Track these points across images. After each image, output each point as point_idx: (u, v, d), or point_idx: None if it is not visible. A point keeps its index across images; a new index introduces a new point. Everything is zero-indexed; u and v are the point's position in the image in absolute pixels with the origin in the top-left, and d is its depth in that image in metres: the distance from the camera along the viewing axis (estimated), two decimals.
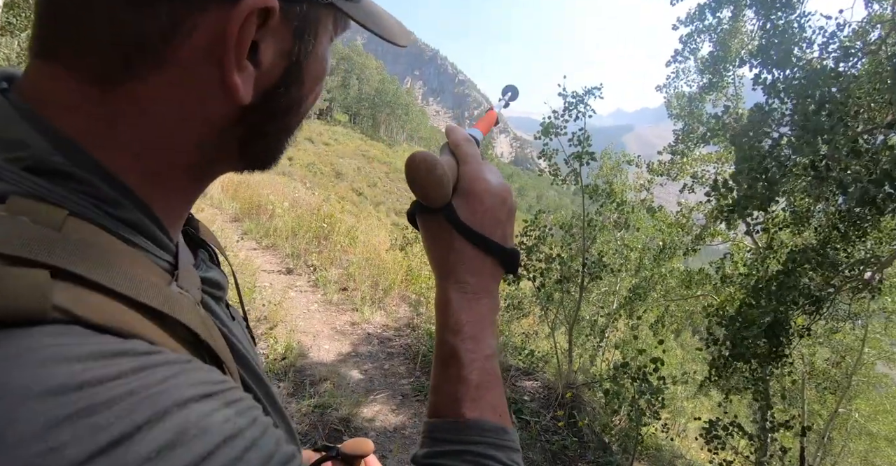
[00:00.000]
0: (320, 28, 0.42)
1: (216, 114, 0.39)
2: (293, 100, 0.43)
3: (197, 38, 0.35)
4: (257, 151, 0.45)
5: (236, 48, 0.35)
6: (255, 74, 0.38)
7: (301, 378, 4.08)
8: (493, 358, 0.54)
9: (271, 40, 0.38)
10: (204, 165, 0.42)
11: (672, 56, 8.09)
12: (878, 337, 11.10)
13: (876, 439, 12.91)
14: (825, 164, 4.05)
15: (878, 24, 6.86)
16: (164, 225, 0.39)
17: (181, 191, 0.42)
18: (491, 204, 0.53)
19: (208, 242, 0.55)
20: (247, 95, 0.38)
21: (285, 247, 7.10)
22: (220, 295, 0.49)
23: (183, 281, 0.38)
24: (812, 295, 4.88)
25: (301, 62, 0.41)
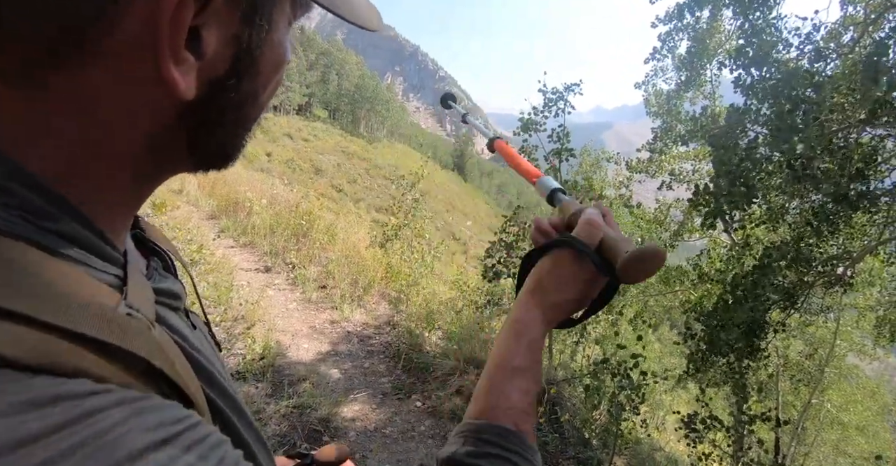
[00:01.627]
0: (275, 11, 0.38)
1: (158, 111, 0.34)
2: (247, 92, 0.39)
3: (126, 27, 0.30)
4: (210, 149, 0.40)
5: (170, 37, 0.31)
6: (197, 65, 0.34)
7: (279, 378, 4.02)
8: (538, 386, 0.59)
9: (215, 26, 0.34)
10: (149, 166, 0.38)
11: (651, 54, 8.16)
12: (850, 329, 11.42)
13: (847, 428, 13.34)
14: (800, 162, 4.13)
15: (851, 25, 7.02)
16: (108, 235, 0.35)
17: (126, 196, 0.38)
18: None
19: (161, 247, 0.51)
20: (189, 89, 0.34)
21: (263, 245, 7.00)
22: (177, 305, 0.45)
23: (133, 297, 0.34)
24: (786, 290, 4.98)
25: (253, 49, 0.37)
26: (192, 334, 0.44)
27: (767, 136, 4.59)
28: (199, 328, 0.52)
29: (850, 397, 13.09)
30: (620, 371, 4.24)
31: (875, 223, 5.98)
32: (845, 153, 3.77)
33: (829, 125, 5.02)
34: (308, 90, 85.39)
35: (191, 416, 0.29)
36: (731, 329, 4.78)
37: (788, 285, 5.09)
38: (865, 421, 13.77)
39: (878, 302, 9.42)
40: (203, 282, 5.13)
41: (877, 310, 9.31)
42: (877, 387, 15.46)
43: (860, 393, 13.70)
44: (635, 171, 9.02)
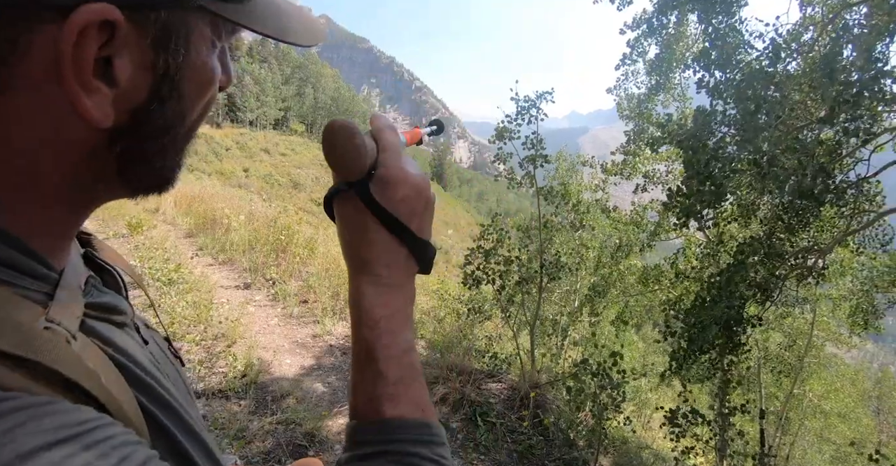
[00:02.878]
0: (192, 34, 0.38)
1: (78, 139, 0.35)
2: (173, 116, 0.40)
3: (35, 59, 0.31)
4: (142, 175, 0.41)
5: (75, 68, 0.32)
6: (112, 93, 0.35)
7: (263, 394, 3.99)
8: (412, 351, 0.52)
9: (126, 54, 0.35)
10: (80, 193, 0.39)
11: (621, 59, 8.34)
12: (826, 319, 11.60)
13: (829, 416, 13.56)
14: (766, 160, 4.26)
15: (810, 25, 7.25)
16: (39, 254, 0.37)
17: (58, 221, 0.39)
18: (407, 193, 0.52)
19: (113, 265, 0.52)
20: (105, 117, 0.35)
21: (242, 262, 6.95)
22: (119, 320, 0.46)
23: (56, 312, 0.35)
24: (760, 285, 5.09)
25: (172, 75, 0.37)
26: (139, 350, 0.46)
27: (735, 136, 4.73)
28: (158, 343, 0.53)
29: (830, 385, 13.33)
30: (600, 371, 4.30)
31: (843, 215, 6.14)
32: (808, 150, 3.89)
33: (793, 122, 5.18)
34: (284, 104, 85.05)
35: (100, 419, 0.31)
36: (710, 326, 4.87)
37: (762, 280, 5.21)
38: (847, 408, 14.03)
39: (850, 291, 9.62)
40: (182, 301, 5.07)
41: (850, 299, 9.52)
42: (855, 375, 15.78)
43: (840, 381, 13.97)
44: (611, 174, 9.17)
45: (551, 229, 5.53)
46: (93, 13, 0.31)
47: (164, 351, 0.54)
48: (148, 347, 0.49)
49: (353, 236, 0.52)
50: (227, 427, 3.43)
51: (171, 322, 4.61)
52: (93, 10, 0.31)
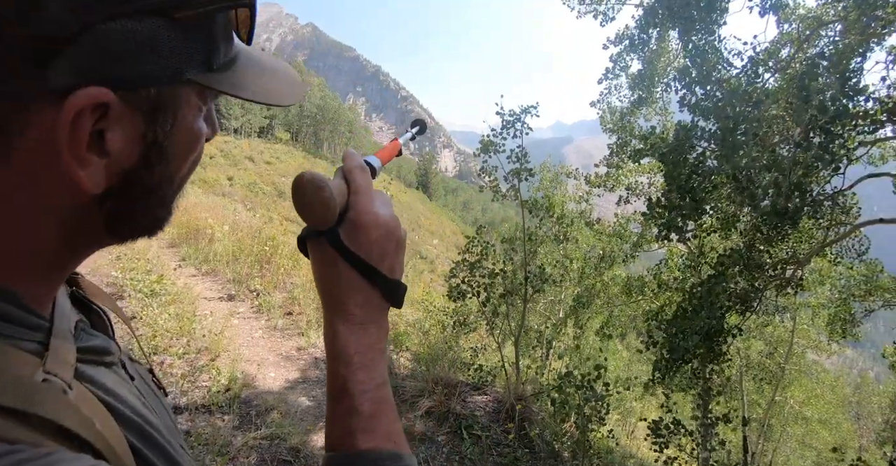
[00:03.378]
0: (180, 105, 0.41)
1: (70, 203, 0.38)
2: (161, 177, 0.42)
3: (31, 135, 0.34)
4: (129, 228, 0.44)
5: (70, 144, 0.34)
6: (104, 163, 0.37)
7: (247, 409, 3.96)
8: (385, 385, 0.54)
9: (118, 127, 0.37)
10: (68, 248, 0.41)
11: (604, 74, 8.49)
12: (806, 327, 11.78)
13: (811, 422, 13.72)
14: (744, 175, 4.36)
15: (787, 41, 7.45)
16: (28, 305, 0.39)
17: (47, 272, 0.42)
18: (377, 235, 0.54)
19: (97, 303, 0.54)
20: (96, 185, 0.37)
21: (226, 273, 6.89)
22: (108, 360, 0.48)
23: (52, 363, 0.38)
24: (739, 296, 5.18)
25: (161, 142, 0.40)
26: (126, 387, 0.48)
27: (714, 151, 4.84)
28: (142, 376, 0.55)
29: (811, 392, 13.51)
30: (584, 383, 4.33)
31: (821, 226, 6.28)
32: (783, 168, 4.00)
33: (770, 138, 5.31)
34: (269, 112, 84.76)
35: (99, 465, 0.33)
36: (691, 336, 4.95)
37: (741, 291, 5.31)
38: (827, 414, 14.22)
39: (829, 300, 9.81)
40: (165, 314, 5.01)
41: (829, 308, 9.70)
42: (835, 381, 16.00)
43: (820, 388, 14.16)
44: (594, 186, 9.29)
45: (536, 241, 5.58)
46: (88, 97, 0.34)
47: (149, 384, 0.56)
48: (134, 382, 0.51)
49: (326, 277, 0.54)
50: (210, 443, 3.39)
51: (154, 334, 4.55)
52: (88, 94, 0.34)
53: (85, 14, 0.32)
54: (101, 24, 0.33)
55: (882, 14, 5.00)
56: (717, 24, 5.31)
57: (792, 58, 6.91)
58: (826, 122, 3.64)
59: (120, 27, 0.34)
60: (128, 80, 0.36)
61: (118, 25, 0.34)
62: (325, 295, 0.55)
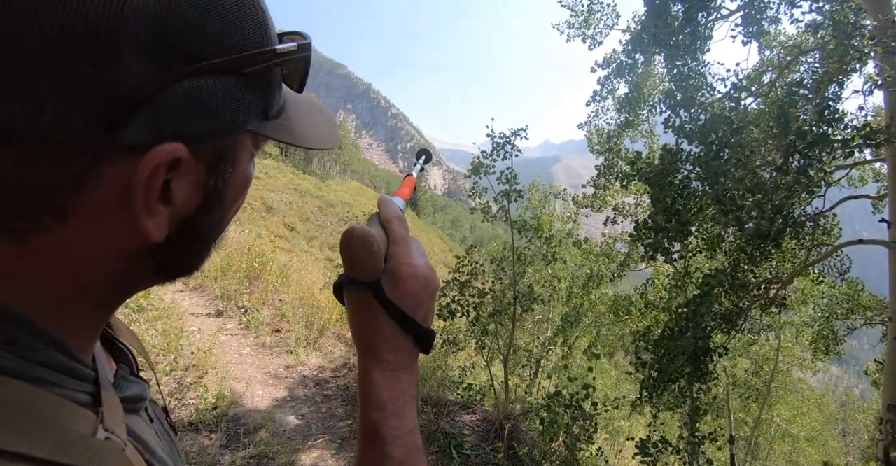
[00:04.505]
0: (238, 153, 0.43)
1: (129, 252, 0.39)
2: (213, 222, 0.44)
3: (104, 191, 0.35)
4: (177, 269, 0.45)
5: (143, 198, 0.36)
6: (168, 211, 0.38)
7: (235, 427, 3.93)
8: (415, 431, 0.56)
9: (184, 178, 0.38)
10: (118, 294, 0.43)
11: (591, 96, 8.68)
12: (791, 345, 11.85)
13: (797, 440, 13.67)
14: (728, 197, 4.47)
15: (769, 67, 7.68)
16: (79, 355, 0.40)
17: (95, 318, 0.43)
18: (415, 286, 0.55)
19: (126, 343, 0.56)
20: (160, 233, 0.38)
21: (214, 289, 6.85)
22: (139, 407, 0.50)
23: (108, 420, 0.39)
24: (724, 316, 5.26)
25: (219, 189, 0.42)
26: (150, 432, 0.49)
27: (699, 174, 4.97)
28: (157, 417, 0.57)
29: (797, 410, 13.50)
30: (573, 402, 4.35)
31: (803, 246, 6.41)
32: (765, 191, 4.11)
33: (752, 161, 5.46)
34: None
35: None
36: (678, 356, 5.00)
37: (726, 311, 5.39)
38: (814, 432, 14.20)
39: (812, 318, 9.93)
40: (152, 330, 4.98)
41: (812, 326, 9.82)
42: (821, 398, 16.06)
43: (806, 406, 14.19)
44: (582, 206, 9.41)
45: (524, 261, 5.64)
46: (165, 153, 0.35)
47: (163, 424, 0.58)
48: (152, 425, 0.53)
49: (363, 324, 0.56)
50: (197, 462, 3.36)
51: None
52: (165, 150, 0.35)
53: (163, 73, 0.34)
54: (177, 83, 0.34)
55: (858, 44, 5.19)
56: (701, 51, 5.48)
57: (773, 83, 7.13)
58: (804, 148, 3.77)
59: (194, 85, 0.35)
60: (198, 135, 0.37)
61: (193, 83, 0.35)
62: (361, 341, 0.57)
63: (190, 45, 0.35)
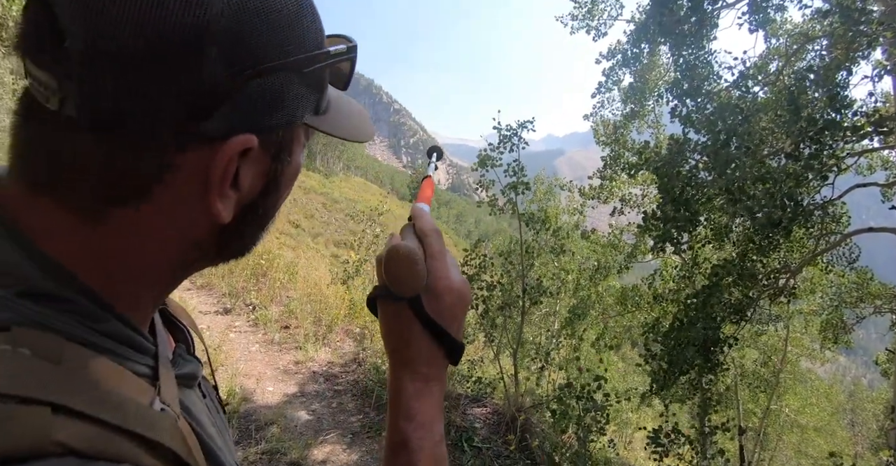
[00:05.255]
0: (294, 144, 0.47)
1: (197, 234, 0.43)
2: (270, 205, 0.48)
3: (182, 176, 0.39)
4: (234, 251, 0.49)
5: (219, 183, 0.40)
6: (236, 197, 0.43)
7: (246, 423, 3.94)
8: (442, 443, 0.57)
9: (252, 166, 0.43)
10: (181, 271, 0.46)
11: (597, 88, 8.63)
12: (799, 335, 11.82)
13: (806, 430, 13.70)
14: (737, 186, 4.44)
15: (775, 56, 7.61)
16: (141, 329, 0.43)
17: (158, 296, 0.47)
18: (451, 301, 0.56)
19: (180, 321, 0.59)
20: (228, 216, 0.42)
21: (221, 286, 6.86)
22: (193, 383, 0.52)
23: (165, 393, 0.42)
24: (734, 306, 5.23)
25: (279, 177, 0.46)
26: (202, 408, 0.52)
27: (707, 163, 4.93)
28: (209, 393, 0.59)
29: (805, 400, 13.51)
30: (584, 394, 4.34)
31: (811, 235, 6.37)
32: (775, 180, 4.07)
33: (761, 150, 5.41)
34: None
35: None
36: (688, 347, 4.98)
37: (736, 301, 5.36)
38: (822, 422, 14.21)
39: (821, 307, 9.89)
40: None
41: (820, 315, 9.78)
42: (829, 388, 16.04)
43: (815, 396, 14.18)
44: (588, 198, 9.37)
45: (532, 254, 5.62)
46: (240, 143, 0.40)
47: (213, 401, 0.60)
48: (205, 401, 0.55)
49: (398, 336, 0.57)
50: None
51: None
52: (241, 141, 0.40)
53: (241, 73, 0.38)
54: (249, 82, 0.39)
55: (866, 29, 5.13)
56: (708, 39, 5.42)
57: (780, 72, 7.06)
58: (815, 133, 3.72)
59: (264, 83, 0.40)
60: (266, 127, 0.42)
61: (262, 82, 0.40)
62: (394, 352, 0.58)
63: (260, 50, 0.39)
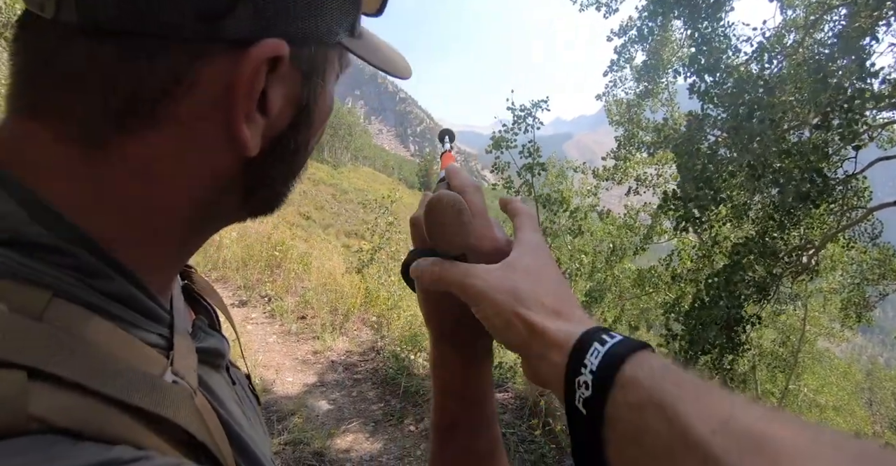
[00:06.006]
0: (328, 69, 0.39)
1: (219, 169, 0.35)
2: (301, 143, 0.41)
3: (201, 91, 0.31)
4: (263, 198, 0.42)
5: (245, 100, 0.33)
6: (263, 123, 0.35)
7: (268, 414, 3.93)
8: (495, 421, 0.51)
9: (280, 87, 0.35)
10: (203, 221, 0.38)
11: (608, 66, 8.45)
12: (818, 314, 11.74)
13: (825, 410, 13.70)
14: (760, 162, 4.31)
15: (792, 28, 7.39)
16: (155, 294, 0.36)
17: (175, 253, 0.39)
18: None
19: (207, 299, 0.51)
20: (255, 147, 0.35)
21: (236, 279, 6.87)
22: (219, 363, 0.45)
23: (179, 363, 0.35)
24: (757, 284, 5.14)
25: (310, 106, 0.39)
26: (230, 394, 0.45)
27: (727, 139, 4.80)
28: (240, 381, 0.51)
29: (824, 379, 13.50)
30: None
31: (832, 211, 6.24)
32: (802, 152, 3.94)
33: (783, 124, 5.27)
34: None
35: None
36: (711, 326, 4.89)
37: (759, 279, 5.26)
38: (841, 401, 14.21)
39: (841, 285, 9.76)
40: None
41: (840, 293, 9.65)
42: (848, 367, 15.97)
43: (833, 375, 14.13)
44: (602, 179, 9.24)
45: (550, 235, 5.54)
46: (269, 48, 0.32)
47: (245, 390, 0.53)
48: (235, 388, 0.48)
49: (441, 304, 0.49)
50: None
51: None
52: (270, 45, 0.32)
53: None
54: None
55: None
56: (724, 10, 5.25)
57: (800, 43, 6.85)
58: (845, 102, 3.58)
59: None
60: (298, 36, 0.34)
61: None
62: (439, 326, 0.50)
63: None
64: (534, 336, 0.37)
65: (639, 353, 0.32)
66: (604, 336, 0.34)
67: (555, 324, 0.37)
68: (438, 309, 0.49)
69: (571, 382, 0.33)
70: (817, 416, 13.87)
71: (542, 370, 0.37)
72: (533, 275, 0.41)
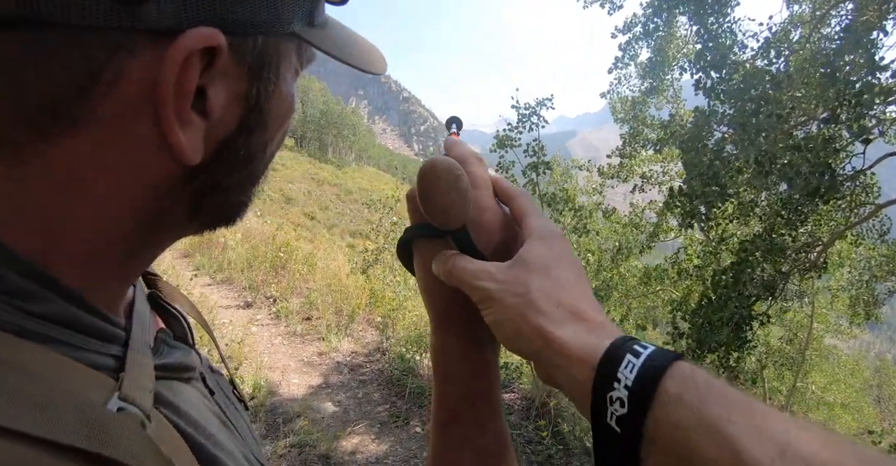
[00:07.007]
0: (282, 63, 0.35)
1: (156, 178, 0.32)
2: (255, 147, 0.36)
3: (124, 89, 0.28)
4: (215, 209, 0.37)
5: (175, 99, 0.29)
6: (204, 126, 0.31)
7: (273, 417, 3.92)
8: (500, 413, 0.47)
9: (222, 84, 0.32)
10: (147, 236, 0.34)
11: (613, 63, 8.39)
12: (825, 311, 11.67)
13: (833, 407, 13.62)
14: (767, 158, 4.27)
15: (798, 23, 7.32)
16: (104, 312, 0.33)
17: (122, 268, 0.35)
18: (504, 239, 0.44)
19: (175, 305, 0.48)
20: (195, 153, 0.31)
21: (241, 280, 6.87)
22: (188, 376, 0.42)
23: (129, 386, 0.31)
24: (766, 282, 5.09)
25: (262, 105, 0.35)
26: (204, 407, 0.42)
27: (734, 135, 4.75)
28: (222, 388, 0.49)
29: (832, 377, 13.41)
30: None
31: (840, 208, 6.17)
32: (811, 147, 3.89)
33: (790, 119, 5.21)
34: None
35: None
36: (721, 327, 4.84)
37: (768, 277, 5.21)
38: (849, 399, 14.12)
39: (849, 282, 9.68)
40: None
41: (849, 290, 9.58)
42: (856, 364, 15.90)
43: (841, 372, 14.05)
44: (607, 177, 9.18)
45: None
46: (200, 38, 0.28)
47: (229, 396, 0.50)
48: (214, 397, 0.45)
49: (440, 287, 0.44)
50: None
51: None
52: (201, 34, 0.28)
53: None
54: None
55: None
56: (730, 6, 5.19)
57: (807, 38, 6.77)
58: (854, 96, 3.53)
59: None
60: (238, 24, 0.30)
61: None
62: (440, 308, 0.46)
63: None
64: (549, 347, 0.34)
65: (675, 365, 0.29)
66: (636, 346, 0.31)
67: (575, 334, 0.34)
68: (438, 289, 0.45)
69: (602, 398, 0.30)
70: (826, 414, 13.78)
71: (557, 378, 0.35)
72: (548, 270, 0.37)
